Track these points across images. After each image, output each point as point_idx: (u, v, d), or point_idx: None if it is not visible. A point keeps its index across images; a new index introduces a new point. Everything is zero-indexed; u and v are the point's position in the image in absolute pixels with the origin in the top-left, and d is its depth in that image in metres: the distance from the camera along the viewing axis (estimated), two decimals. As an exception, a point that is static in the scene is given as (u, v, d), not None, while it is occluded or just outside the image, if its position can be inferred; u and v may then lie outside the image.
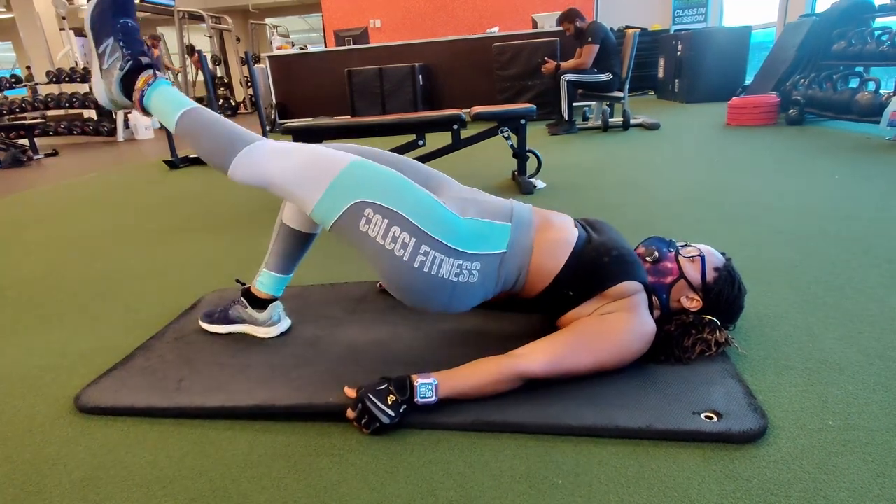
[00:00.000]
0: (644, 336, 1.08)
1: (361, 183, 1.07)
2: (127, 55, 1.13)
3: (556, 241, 1.15)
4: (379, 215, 1.05)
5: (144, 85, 1.14)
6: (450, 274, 1.07)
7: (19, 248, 2.51)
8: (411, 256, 1.05)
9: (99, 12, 1.13)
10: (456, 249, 1.07)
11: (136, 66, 1.14)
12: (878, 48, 4.24)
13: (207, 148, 1.13)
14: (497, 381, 1.04)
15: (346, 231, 1.08)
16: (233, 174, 1.11)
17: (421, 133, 2.83)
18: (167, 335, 1.45)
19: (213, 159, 1.13)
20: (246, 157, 1.10)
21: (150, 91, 1.15)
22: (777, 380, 1.08)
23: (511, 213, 1.17)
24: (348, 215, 1.06)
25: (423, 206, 1.08)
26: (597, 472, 0.88)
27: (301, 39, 14.48)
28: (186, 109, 1.14)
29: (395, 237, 1.05)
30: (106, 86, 1.15)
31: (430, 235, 1.06)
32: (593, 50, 4.74)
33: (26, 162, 5.75)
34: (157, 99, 1.15)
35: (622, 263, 1.11)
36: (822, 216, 2.10)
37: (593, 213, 2.41)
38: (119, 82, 1.14)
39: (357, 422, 0.99)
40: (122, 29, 1.14)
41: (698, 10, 8.98)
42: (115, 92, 1.15)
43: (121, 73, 1.13)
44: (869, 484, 0.81)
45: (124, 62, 1.13)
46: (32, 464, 0.99)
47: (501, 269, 1.12)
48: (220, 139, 1.12)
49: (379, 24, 8.96)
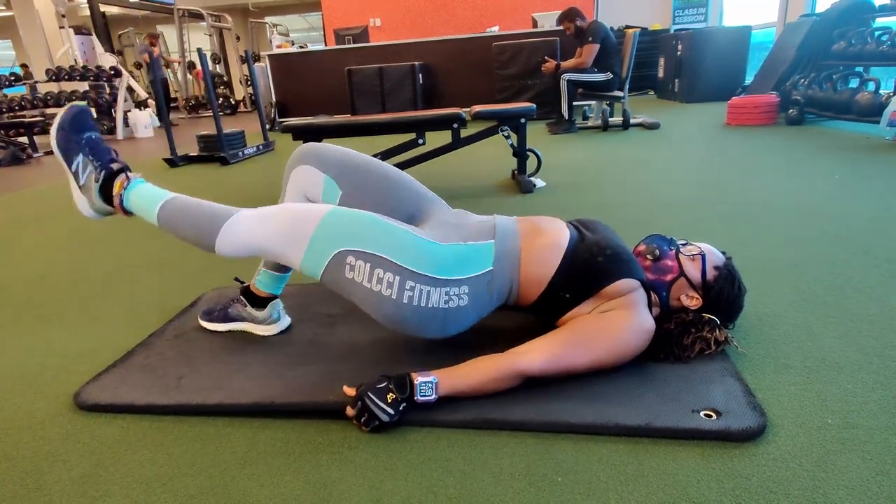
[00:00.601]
0: (643, 333, 1.08)
1: (339, 233, 1.10)
2: (98, 166, 1.20)
3: (546, 246, 1.15)
4: (361, 261, 1.08)
5: (120, 189, 1.21)
6: (439, 303, 1.09)
7: (19, 247, 2.51)
8: (398, 294, 1.08)
9: (63, 136, 1.20)
10: (441, 279, 1.09)
11: (109, 174, 1.21)
12: (878, 48, 4.24)
13: (191, 234, 1.17)
14: (497, 379, 1.04)
15: (334, 281, 1.11)
16: (220, 251, 1.15)
17: (421, 132, 2.83)
18: (167, 333, 1.45)
19: (198, 242, 1.17)
20: (227, 233, 1.14)
21: (126, 193, 1.20)
22: (776, 378, 1.08)
23: (494, 229, 1.18)
24: (333, 266, 1.10)
25: (401, 243, 1.10)
26: (596, 470, 0.88)
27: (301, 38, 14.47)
28: (163, 203, 1.19)
29: (379, 278, 1.08)
30: (88, 200, 1.22)
31: (412, 271, 1.08)
32: (593, 49, 4.74)
33: (26, 160, 5.75)
34: (135, 199, 1.20)
35: (617, 262, 1.11)
36: (822, 216, 2.10)
37: (593, 212, 2.41)
38: (98, 193, 1.21)
39: (357, 420, 0.99)
40: (88, 143, 1.21)
41: (698, 9, 8.98)
42: (96, 203, 1.22)
43: (97, 185, 1.20)
44: (868, 482, 0.82)
45: (98, 173, 1.20)
46: (32, 461, 0.99)
47: (491, 285, 1.13)
48: (200, 222, 1.16)
49: (379, 22, 8.96)
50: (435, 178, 3.42)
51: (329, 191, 1.28)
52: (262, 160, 4.84)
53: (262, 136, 5.55)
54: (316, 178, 1.29)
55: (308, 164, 1.29)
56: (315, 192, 1.30)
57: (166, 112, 5.22)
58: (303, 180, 1.30)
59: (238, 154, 4.82)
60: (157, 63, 8.00)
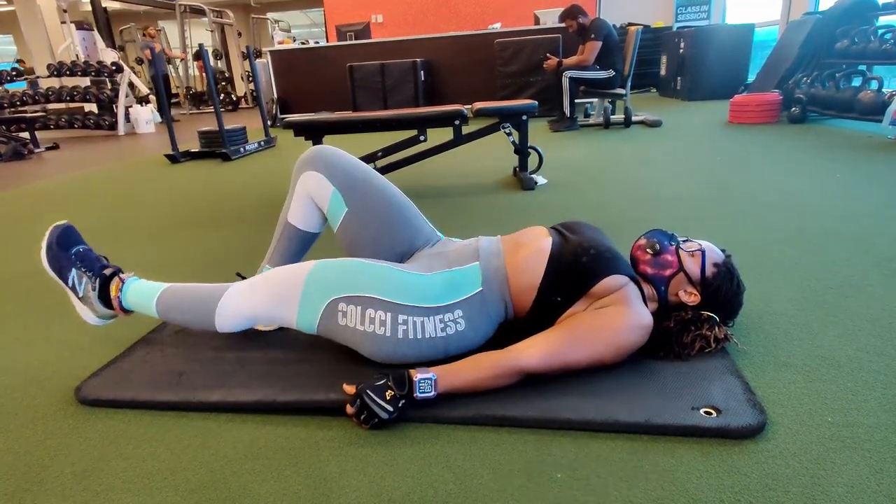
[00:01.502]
0: (641, 328, 1.08)
1: (326, 285, 1.14)
2: (92, 276, 1.26)
3: (528, 256, 1.16)
4: (352, 305, 1.12)
5: (117, 292, 1.26)
6: (435, 332, 1.11)
7: (20, 242, 2.52)
8: (392, 330, 1.10)
9: (52, 255, 1.25)
10: (432, 307, 1.11)
11: (104, 280, 1.26)
12: (881, 47, 4.23)
13: (190, 321, 1.25)
14: (495, 377, 1.04)
15: (330, 331, 1.15)
16: (221, 329, 1.21)
17: (422, 128, 2.83)
18: (168, 328, 1.45)
19: (198, 326, 1.24)
20: (223, 310, 1.19)
21: (123, 295, 1.26)
22: (776, 376, 1.09)
23: (477, 251, 1.20)
24: (326, 317, 1.14)
25: (386, 280, 1.14)
26: (595, 467, 0.88)
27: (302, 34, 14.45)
28: (157, 297, 1.25)
29: (371, 319, 1.11)
30: (91, 310, 1.27)
31: (402, 304, 1.11)
32: (596, 47, 4.73)
33: (27, 155, 5.76)
34: (132, 298, 1.26)
35: (600, 260, 1.11)
36: (824, 214, 2.10)
37: (594, 209, 2.41)
38: (98, 300, 1.26)
39: (356, 418, 1.00)
40: (77, 258, 1.26)
41: (701, 7, 8.94)
42: (99, 310, 1.27)
43: (96, 294, 1.25)
44: (867, 479, 0.82)
45: (93, 283, 1.25)
46: (34, 455, 0.99)
47: (484, 306, 1.14)
48: (195, 309, 1.22)
49: (381, 19, 8.94)
50: (436, 176, 3.42)
51: (335, 205, 1.31)
52: (263, 156, 4.84)
53: (263, 133, 5.55)
54: (324, 190, 1.31)
55: (318, 172, 1.31)
56: (322, 202, 1.33)
57: (167, 108, 5.21)
58: (311, 187, 1.32)
59: (239, 150, 4.82)
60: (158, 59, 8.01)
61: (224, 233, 2.42)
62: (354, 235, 1.31)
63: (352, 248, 1.31)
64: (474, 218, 2.41)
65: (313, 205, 1.34)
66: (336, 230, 1.33)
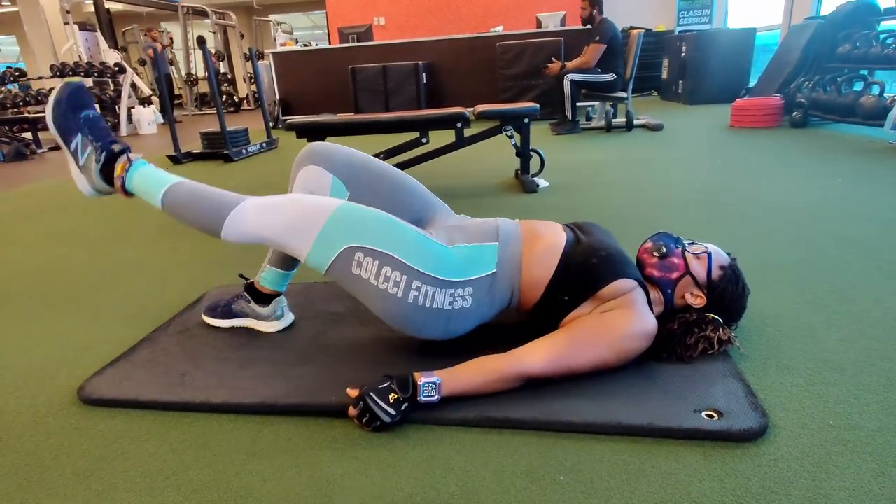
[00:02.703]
0: (645, 333, 1.08)
1: (349, 228, 1.10)
2: (98, 147, 1.17)
3: (544, 249, 1.16)
4: (369, 257, 1.09)
5: (122, 171, 1.18)
6: (443, 304, 1.11)
7: (23, 241, 2.52)
8: (404, 293, 1.09)
9: (60, 112, 1.17)
10: (447, 280, 1.11)
11: (111, 155, 1.18)
12: (882, 51, 4.23)
13: (196, 219, 1.17)
14: (499, 380, 1.04)
15: (340, 276, 1.12)
16: (225, 237, 1.15)
17: (424, 131, 2.83)
18: (171, 328, 1.45)
19: (203, 228, 1.17)
20: (233, 220, 1.14)
21: (129, 175, 1.19)
22: (778, 379, 1.09)
23: (497, 231, 1.19)
24: (340, 261, 1.10)
25: (410, 243, 1.11)
26: (598, 469, 0.88)
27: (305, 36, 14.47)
28: (168, 187, 1.17)
29: (386, 277, 1.09)
30: (88, 179, 1.19)
31: (420, 271, 1.09)
32: (599, 49, 4.72)
33: (29, 156, 5.77)
34: (138, 181, 1.19)
35: (611, 263, 1.11)
36: (825, 218, 2.10)
37: (596, 212, 2.41)
38: (99, 174, 1.18)
39: (358, 420, 1.00)
40: (86, 122, 1.17)
41: (703, 11, 8.96)
42: (97, 183, 1.19)
43: (98, 166, 1.17)
44: (869, 483, 0.82)
45: (98, 154, 1.17)
46: (36, 454, 1.00)
47: (493, 288, 1.14)
48: (206, 208, 1.16)
49: (383, 21, 8.96)
50: (438, 178, 3.42)
51: (336, 192, 1.29)
52: (265, 158, 4.84)
53: (265, 134, 5.55)
54: (324, 180, 1.29)
55: (316, 165, 1.30)
56: (323, 192, 1.30)
57: (170, 109, 5.22)
58: (310, 180, 1.31)
59: (241, 151, 4.83)
60: (160, 59, 8.02)
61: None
62: None
63: None
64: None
65: None
66: None
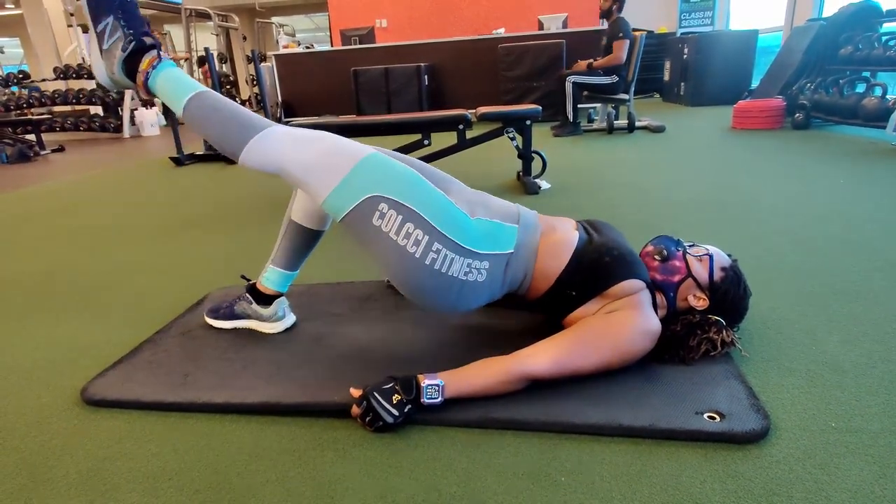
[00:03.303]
0: (649, 334, 1.08)
1: (377, 177, 1.07)
2: (129, 35, 1.09)
3: (558, 242, 1.16)
4: (393, 210, 1.05)
5: (149, 67, 1.10)
6: (459, 272, 1.08)
7: (26, 243, 2.53)
8: (423, 254, 1.05)
9: None
10: (467, 248, 1.08)
11: (140, 46, 1.09)
12: (885, 53, 4.23)
13: (218, 132, 1.10)
14: (503, 382, 1.04)
15: (358, 224, 1.07)
16: (245, 160, 1.09)
17: (426, 133, 2.84)
18: (173, 330, 1.46)
19: (224, 145, 1.10)
20: (259, 142, 1.08)
21: (154, 73, 1.11)
22: (780, 381, 1.09)
23: (518, 215, 1.19)
24: (362, 208, 1.06)
25: (436, 204, 1.09)
26: (599, 470, 0.88)
27: (307, 38, 14.51)
28: (196, 93, 1.10)
29: (408, 233, 1.05)
30: (107, 66, 1.10)
31: (443, 234, 1.06)
32: (625, 45, 4.71)
33: (33, 157, 5.79)
34: (163, 81, 1.11)
35: (622, 263, 1.12)
36: (827, 220, 2.09)
37: (598, 214, 2.41)
38: (122, 63, 1.09)
39: (361, 419, 1.00)
40: (121, 6, 1.09)
41: (705, 13, 8.96)
42: (116, 72, 1.11)
43: (123, 55, 1.08)
44: (871, 485, 0.82)
45: (126, 43, 1.08)
46: (40, 454, 1.00)
47: (508, 269, 1.13)
48: (232, 124, 1.09)
49: (385, 23, 8.98)
50: (440, 179, 3.42)
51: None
52: (267, 160, 4.84)
53: (267, 136, 5.56)
54: None
55: None
56: None
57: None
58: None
59: (244, 153, 4.83)
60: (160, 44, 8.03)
61: (228, 235, 2.42)
62: None
63: None
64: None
65: None
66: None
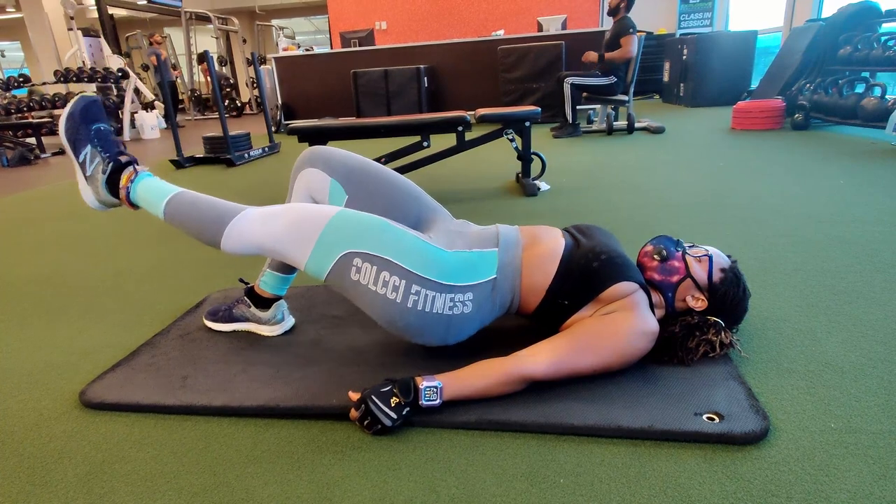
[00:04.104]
0: (647, 334, 1.08)
1: (346, 235, 1.10)
2: (106, 158, 1.20)
3: (543, 254, 1.16)
4: (367, 263, 1.09)
5: (128, 182, 1.20)
6: (443, 308, 1.10)
7: (26, 246, 2.53)
8: (404, 298, 1.08)
9: (72, 124, 1.19)
10: (447, 284, 1.10)
11: (117, 166, 1.20)
12: (884, 53, 4.23)
13: (197, 229, 1.17)
14: (501, 384, 1.04)
15: (339, 282, 1.12)
16: (225, 248, 1.16)
17: (426, 134, 2.84)
18: (172, 333, 1.46)
19: (203, 238, 1.17)
20: (233, 229, 1.14)
21: (133, 186, 1.20)
22: (779, 382, 1.08)
23: (497, 238, 1.20)
24: (339, 267, 1.10)
25: (408, 248, 1.11)
26: (598, 472, 0.88)
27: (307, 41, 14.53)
28: (170, 197, 1.19)
29: (385, 282, 1.08)
30: (93, 190, 1.21)
31: (419, 275, 1.09)
32: (633, 39, 4.71)
33: (33, 161, 5.79)
34: (141, 192, 1.20)
35: (611, 266, 1.11)
36: (827, 221, 2.09)
37: (597, 215, 2.41)
38: (104, 185, 1.20)
39: (360, 423, 1.00)
40: (97, 135, 1.20)
41: (704, 14, 8.98)
42: (102, 194, 1.21)
43: (104, 177, 1.20)
44: (870, 486, 0.82)
45: (105, 165, 1.20)
46: (38, 457, 1.00)
47: (494, 293, 1.14)
48: (207, 219, 1.16)
49: (384, 26, 8.99)
50: (439, 181, 3.43)
51: (335, 194, 1.30)
52: (267, 162, 4.86)
53: (267, 138, 5.58)
54: (322, 182, 1.30)
55: (315, 168, 1.31)
56: (321, 195, 1.31)
57: (173, 114, 5.25)
58: (309, 183, 1.32)
59: (244, 156, 4.84)
60: (164, 65, 8.06)
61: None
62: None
63: None
64: (477, 223, 2.41)
65: (312, 202, 1.34)
66: None
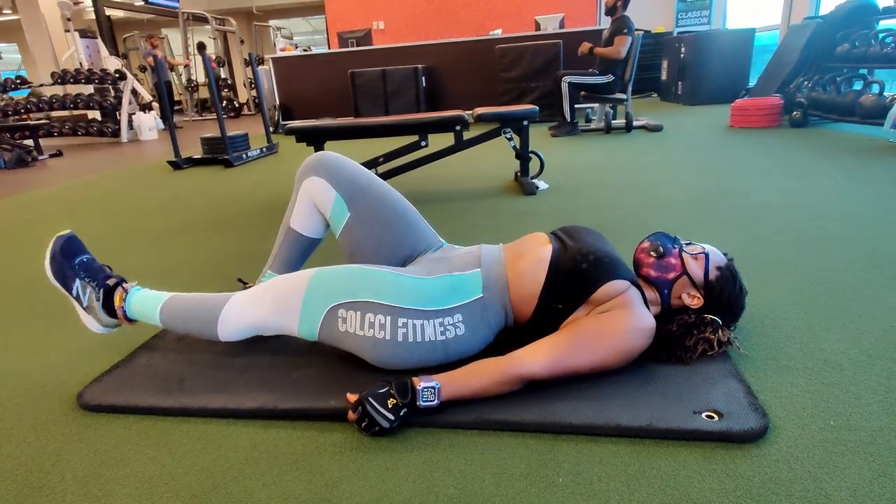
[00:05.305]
0: (644, 331, 1.08)
1: (325, 291, 1.15)
2: (96, 286, 1.27)
3: (530, 264, 1.16)
4: (351, 311, 1.12)
5: (121, 302, 1.27)
6: (435, 335, 1.11)
7: (24, 248, 2.53)
8: (392, 333, 1.10)
9: (56, 265, 1.26)
10: (432, 310, 1.11)
11: (108, 290, 1.27)
12: (881, 50, 4.23)
13: (193, 330, 1.25)
14: (499, 384, 1.04)
15: (331, 337, 1.15)
16: (223, 339, 1.22)
17: (424, 134, 2.84)
18: (169, 334, 1.45)
19: (202, 336, 1.24)
20: (225, 321, 1.20)
21: (127, 305, 1.27)
22: (778, 380, 1.08)
23: (479, 258, 1.21)
24: (327, 323, 1.14)
25: (385, 284, 1.14)
26: (597, 471, 0.88)
27: (304, 41, 14.53)
28: (161, 306, 1.25)
29: (371, 323, 1.11)
30: (95, 319, 1.28)
31: (401, 307, 1.11)
32: (626, 41, 4.72)
33: (31, 162, 5.78)
34: (136, 307, 1.27)
35: (600, 266, 1.11)
36: (825, 217, 2.09)
37: (595, 213, 2.41)
38: (102, 310, 1.27)
39: (358, 424, 0.99)
40: (81, 268, 1.27)
41: (702, 12, 8.98)
42: (104, 319, 1.28)
43: (100, 304, 1.27)
44: (870, 483, 0.81)
45: (97, 293, 1.27)
46: (36, 460, 1.00)
47: (485, 312, 1.14)
48: (198, 318, 1.23)
49: (382, 25, 8.98)
50: (437, 181, 3.43)
51: (338, 210, 1.31)
52: (265, 162, 4.85)
53: (265, 139, 5.57)
54: (327, 195, 1.32)
55: (321, 178, 1.32)
56: (324, 208, 1.33)
57: (170, 115, 5.24)
58: (314, 194, 1.33)
59: (242, 156, 4.84)
60: (161, 66, 8.05)
61: (226, 238, 2.42)
62: (357, 241, 1.31)
63: (354, 254, 1.32)
64: (475, 223, 2.42)
65: (316, 210, 1.35)
66: (338, 235, 1.33)
